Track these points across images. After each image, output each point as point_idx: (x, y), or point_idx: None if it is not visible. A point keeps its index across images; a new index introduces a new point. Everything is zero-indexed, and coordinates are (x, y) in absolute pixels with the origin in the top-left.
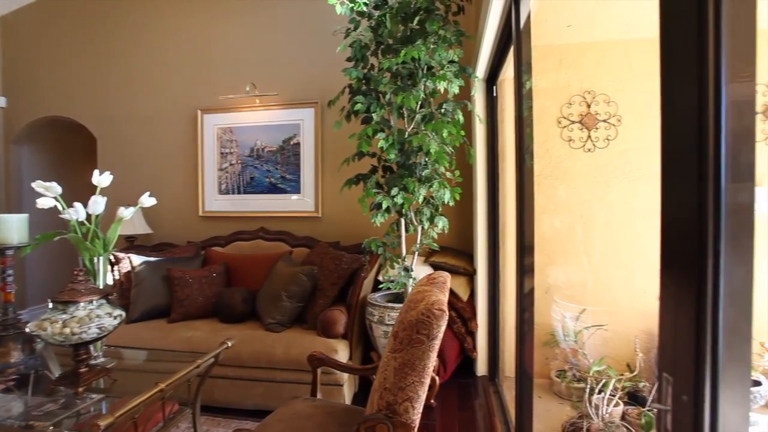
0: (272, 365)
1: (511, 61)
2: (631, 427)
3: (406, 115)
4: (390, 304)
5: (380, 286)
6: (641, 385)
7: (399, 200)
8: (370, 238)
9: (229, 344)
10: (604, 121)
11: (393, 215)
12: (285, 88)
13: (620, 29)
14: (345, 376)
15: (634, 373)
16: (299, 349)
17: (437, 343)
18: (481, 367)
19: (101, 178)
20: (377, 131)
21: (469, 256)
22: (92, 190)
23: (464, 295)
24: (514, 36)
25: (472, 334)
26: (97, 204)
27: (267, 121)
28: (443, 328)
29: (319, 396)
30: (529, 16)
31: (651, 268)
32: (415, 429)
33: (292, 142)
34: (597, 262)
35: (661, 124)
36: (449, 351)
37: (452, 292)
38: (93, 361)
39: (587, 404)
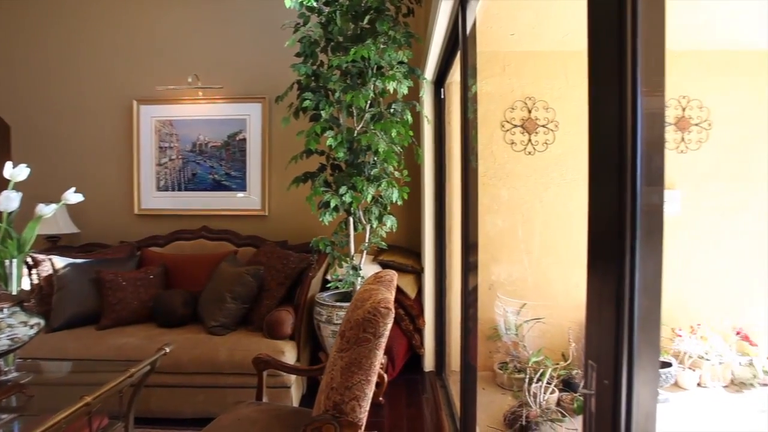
0: (215, 370)
1: (458, 64)
2: (565, 412)
3: (355, 114)
4: (338, 304)
5: (328, 285)
6: (574, 372)
7: (347, 199)
8: (318, 237)
9: (167, 350)
10: (544, 126)
11: (341, 214)
12: (231, 82)
13: (558, 41)
14: (292, 377)
15: (568, 362)
16: (244, 352)
17: (384, 341)
18: (429, 363)
19: (15, 171)
20: (326, 129)
21: (417, 255)
22: (4, 184)
23: (412, 293)
24: (460, 41)
25: (420, 331)
26: (10, 200)
27: (211, 115)
28: (389, 326)
29: (264, 399)
30: (474, 23)
31: (583, 263)
32: (362, 427)
33: (237, 138)
34: (536, 259)
35: (589, 132)
36: (397, 348)
37: (400, 290)
38: (3, 377)
39: (526, 393)
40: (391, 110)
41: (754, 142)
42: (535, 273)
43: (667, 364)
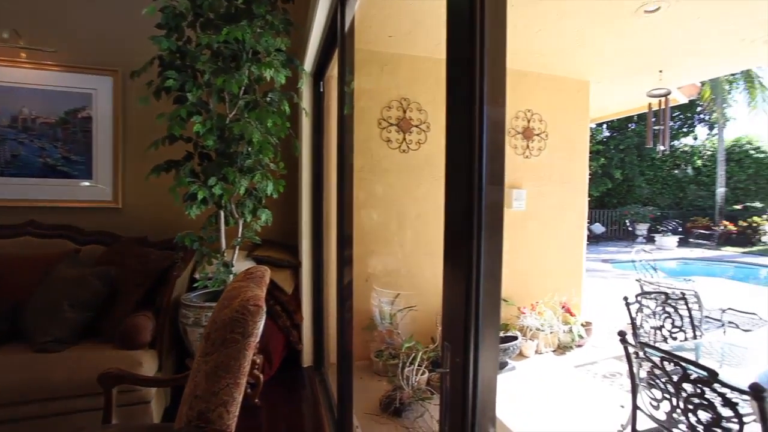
0: (49, 395)
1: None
2: (434, 390)
3: (227, 100)
4: (207, 304)
5: (196, 285)
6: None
7: (217, 191)
8: (184, 232)
9: None
10: (417, 126)
11: (211, 207)
12: (70, 46)
13: (430, 49)
14: (152, 390)
15: (436, 344)
16: (89, 369)
17: (254, 341)
18: (307, 358)
19: None
20: (193, 113)
21: (294, 249)
22: None
23: (289, 288)
24: (339, 37)
25: (298, 327)
26: None
27: (41, 84)
28: (260, 324)
29: (114, 421)
30: (353, 20)
31: None
32: None
33: (80, 116)
34: (409, 251)
35: (446, 136)
36: (274, 346)
37: (277, 286)
38: None
39: (400, 377)
40: (268, 99)
41: (574, 152)
42: (407, 264)
43: (514, 338)
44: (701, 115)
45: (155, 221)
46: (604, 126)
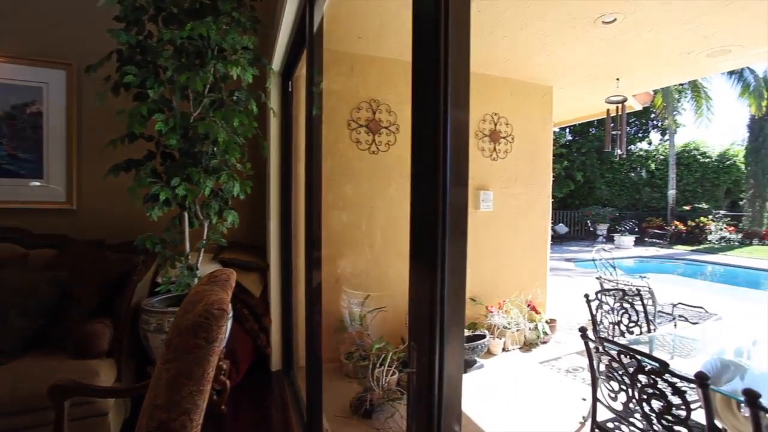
0: None
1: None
2: (404, 390)
3: (191, 98)
4: (170, 309)
5: (158, 289)
6: None
7: (181, 192)
8: (146, 234)
9: None
10: (386, 128)
11: (174, 208)
12: (16, 36)
13: (400, 51)
14: (110, 402)
15: (406, 345)
16: (38, 382)
17: (218, 346)
18: (276, 362)
19: None
20: (154, 111)
21: (262, 251)
22: None
23: (257, 291)
24: (307, 37)
25: (266, 330)
26: None
27: None
28: (225, 328)
29: None
30: (322, 20)
31: None
32: None
33: (29, 111)
34: (378, 252)
35: (412, 138)
36: (242, 351)
37: (244, 289)
38: None
39: (371, 378)
40: (234, 98)
41: (539, 155)
42: (377, 265)
43: (482, 336)
44: (654, 122)
45: (113, 223)
46: (567, 130)
